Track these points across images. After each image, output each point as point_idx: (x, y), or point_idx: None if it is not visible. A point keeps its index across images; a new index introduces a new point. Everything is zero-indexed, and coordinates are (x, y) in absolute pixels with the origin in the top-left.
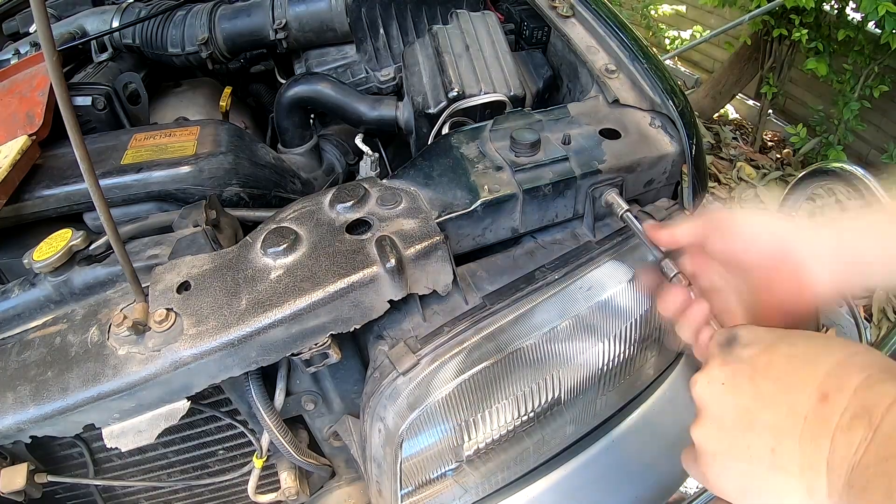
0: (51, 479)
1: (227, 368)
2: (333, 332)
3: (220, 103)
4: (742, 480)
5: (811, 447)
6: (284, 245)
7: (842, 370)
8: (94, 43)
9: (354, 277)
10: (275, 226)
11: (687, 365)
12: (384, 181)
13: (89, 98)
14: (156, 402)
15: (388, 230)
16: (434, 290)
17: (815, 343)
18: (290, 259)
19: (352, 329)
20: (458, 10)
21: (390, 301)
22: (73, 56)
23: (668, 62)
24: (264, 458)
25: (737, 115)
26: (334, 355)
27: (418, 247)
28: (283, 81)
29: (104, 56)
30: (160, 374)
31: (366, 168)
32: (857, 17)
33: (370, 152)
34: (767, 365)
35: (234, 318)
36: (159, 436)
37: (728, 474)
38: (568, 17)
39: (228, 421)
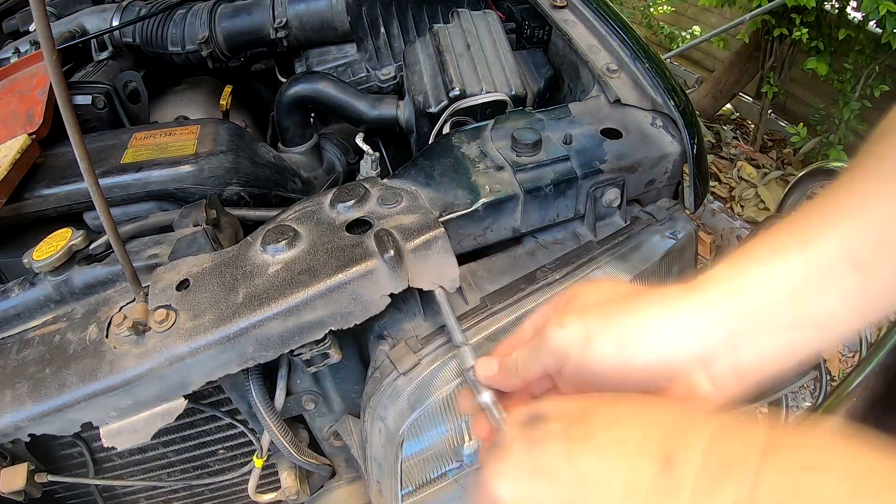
0: (51, 478)
1: (224, 365)
2: (333, 329)
3: (221, 102)
4: None
5: None
6: (283, 241)
7: (682, 426)
8: (93, 41)
9: (352, 269)
10: (274, 224)
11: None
12: (385, 181)
13: (89, 97)
14: (152, 399)
15: (387, 226)
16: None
17: (640, 402)
18: (288, 255)
19: (352, 325)
20: (459, 9)
21: (391, 296)
22: (72, 54)
23: (668, 61)
24: (264, 458)
25: (737, 115)
26: (335, 355)
27: (418, 239)
28: (284, 80)
29: (104, 55)
30: (156, 370)
31: (366, 167)
32: (858, 16)
33: (371, 151)
34: (585, 437)
35: (230, 311)
36: (159, 435)
37: None
38: (562, 7)
39: (229, 420)
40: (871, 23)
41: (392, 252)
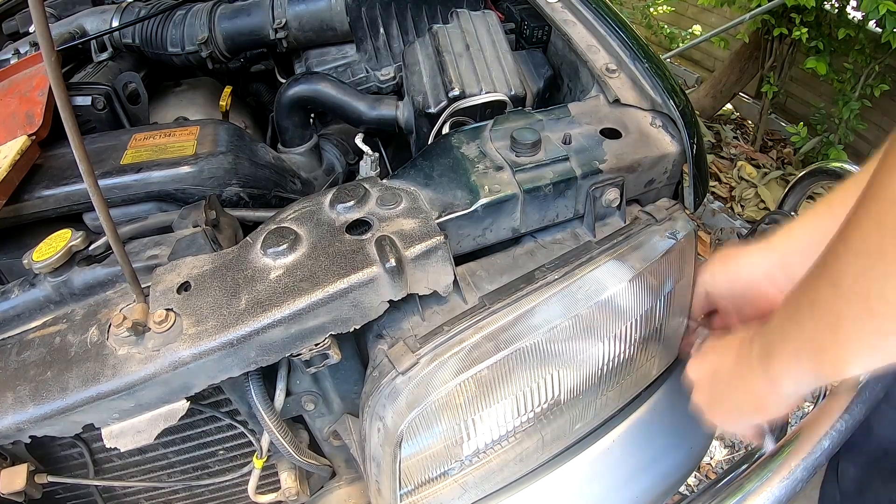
0: (51, 479)
1: (227, 369)
2: (333, 333)
3: (220, 103)
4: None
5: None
6: (284, 245)
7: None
8: (93, 42)
9: (354, 277)
10: (275, 226)
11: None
12: (384, 181)
13: (89, 98)
14: (155, 402)
15: (388, 230)
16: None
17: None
18: (289, 259)
19: (351, 329)
20: (459, 10)
21: (390, 301)
22: (72, 56)
23: (667, 61)
24: (264, 459)
25: (737, 115)
26: (334, 356)
27: (418, 247)
28: (283, 81)
29: (104, 56)
30: (159, 374)
31: (366, 168)
32: (858, 15)
33: (370, 152)
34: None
35: (233, 318)
36: (159, 436)
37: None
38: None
39: (228, 421)
40: (871, 22)
41: (393, 262)
